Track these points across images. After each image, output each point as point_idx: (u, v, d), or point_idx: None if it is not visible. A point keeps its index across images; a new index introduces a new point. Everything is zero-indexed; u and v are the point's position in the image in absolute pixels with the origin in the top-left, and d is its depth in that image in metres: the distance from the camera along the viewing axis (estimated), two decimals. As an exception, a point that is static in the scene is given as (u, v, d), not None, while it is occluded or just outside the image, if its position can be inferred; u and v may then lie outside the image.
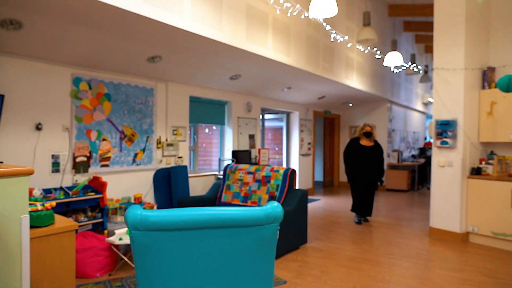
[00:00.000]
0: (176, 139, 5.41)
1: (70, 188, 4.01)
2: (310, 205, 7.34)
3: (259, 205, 4.46)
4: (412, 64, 6.79)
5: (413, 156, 11.66)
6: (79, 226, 3.88)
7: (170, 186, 5.06)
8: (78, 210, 4.00)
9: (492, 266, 3.84)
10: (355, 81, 7.38)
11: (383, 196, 8.73)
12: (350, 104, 9.84)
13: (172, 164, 5.35)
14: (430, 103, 13.23)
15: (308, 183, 8.98)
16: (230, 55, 4.52)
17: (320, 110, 9.47)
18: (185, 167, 5.24)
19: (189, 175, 5.66)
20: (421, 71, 8.57)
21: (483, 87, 4.93)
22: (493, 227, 4.49)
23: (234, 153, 6.32)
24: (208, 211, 1.46)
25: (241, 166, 4.89)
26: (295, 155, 8.58)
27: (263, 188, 4.55)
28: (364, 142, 5.74)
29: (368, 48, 4.83)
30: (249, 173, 4.74)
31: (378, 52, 5.06)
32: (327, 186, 10.37)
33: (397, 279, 3.45)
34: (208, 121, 6.30)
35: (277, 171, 4.56)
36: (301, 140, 8.65)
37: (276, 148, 9.26)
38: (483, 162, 4.83)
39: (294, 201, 4.29)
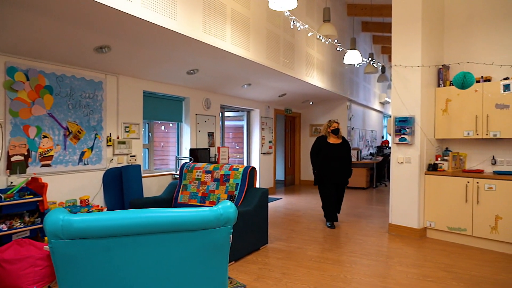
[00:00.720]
0: (128, 136, 5.05)
1: (3, 191, 3.58)
2: (271, 205, 7.21)
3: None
4: (371, 60, 6.84)
5: (371, 154, 11.91)
6: (14, 233, 3.47)
7: (121, 187, 4.71)
8: (13, 215, 3.57)
9: (449, 260, 3.87)
10: (316, 79, 7.34)
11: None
12: (311, 103, 9.85)
13: (124, 163, 4.99)
14: (387, 102, 13.62)
15: (269, 182, 8.86)
16: (186, 47, 4.26)
17: (281, 108, 9.38)
18: (139, 166, 4.91)
19: (144, 175, 5.32)
20: (380, 67, 8.73)
21: (439, 85, 5.02)
22: (449, 222, 4.56)
23: (192, 151, 6.05)
24: (145, 213, 1.22)
25: (199, 164, 4.65)
26: (256, 153, 8.42)
27: (222, 188, 4.33)
28: (332, 139, 5.40)
29: (329, 40, 4.74)
30: (207, 172, 4.51)
31: (339, 45, 5.00)
32: (288, 185, 10.32)
33: (359, 278, 3.37)
34: (164, 118, 5.98)
35: (237, 169, 4.36)
36: (262, 138, 8.51)
37: (237, 147, 9.06)
38: (439, 159, 4.91)
39: (254, 201, 4.11)
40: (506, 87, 4.36)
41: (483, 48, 4.84)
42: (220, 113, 7.38)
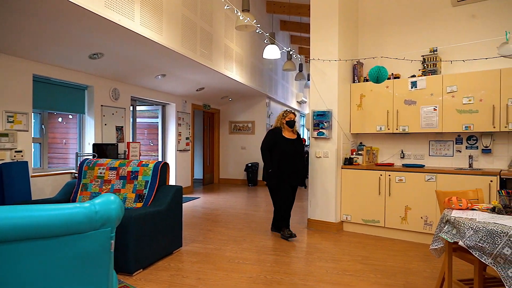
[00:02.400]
0: (12, 128, 4.23)
1: None
2: (188, 204, 6.78)
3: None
4: (291, 55, 6.83)
5: (289, 152, 12.09)
6: None
7: (2, 188, 3.90)
8: None
9: (365, 253, 3.90)
10: (235, 73, 7.11)
11: (262, 191, 8.70)
12: (230, 99, 9.61)
13: (7, 160, 4.16)
14: (304, 102, 14.02)
15: (186, 180, 8.39)
16: (86, 23, 3.65)
17: (199, 104, 8.97)
18: (25, 163, 4.13)
19: (34, 173, 4.52)
20: (298, 63, 8.84)
21: (354, 81, 5.13)
22: (363, 215, 4.65)
23: (97, 147, 5.35)
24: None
25: (102, 161, 4.06)
26: (171, 151, 7.90)
27: (129, 186, 3.82)
28: (287, 134, 4.54)
29: (250, 25, 4.50)
30: (112, 168, 3.95)
31: (259, 25, 4.78)
32: (207, 183, 9.94)
33: (279, 277, 3.17)
34: (62, 109, 5.19)
35: (146, 165, 3.88)
36: (179, 135, 8.02)
37: (152, 144, 8.41)
38: (354, 153, 5.00)
39: (166, 200, 3.68)
40: (413, 84, 4.57)
41: (394, 45, 5.05)
42: (132, 106, 6.72)
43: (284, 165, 4.41)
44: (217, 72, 6.33)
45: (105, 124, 5.69)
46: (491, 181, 3.83)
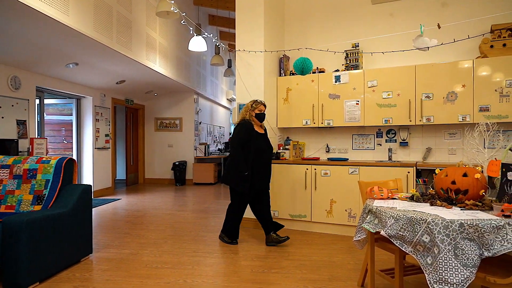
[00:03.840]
0: None
1: None
2: (107, 206, 6.21)
3: (18, 210, 3.17)
4: (218, 44, 6.60)
5: (219, 149, 11.88)
6: None
7: None
8: None
9: (292, 248, 3.81)
10: (158, 65, 6.68)
11: (190, 190, 8.36)
12: (155, 94, 9.09)
13: None
14: (234, 99, 13.89)
15: (106, 181, 7.72)
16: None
17: (120, 98, 8.33)
18: None
19: None
20: (228, 55, 8.63)
21: (280, 74, 5.05)
22: (291, 210, 4.58)
23: (-9, 143, 4.60)
24: None
25: (-8, 158, 3.44)
26: (88, 148, 7.20)
27: (26, 186, 3.28)
28: (257, 128, 3.90)
29: (173, 11, 4.18)
30: (4, 166, 3.37)
31: (184, 13, 4.47)
32: (131, 184, 9.30)
33: (200, 281, 2.92)
34: None
35: (47, 161, 3.37)
36: (97, 131, 7.34)
37: (65, 141, 7.59)
38: (281, 148, 4.93)
39: (70, 201, 3.22)
40: (337, 79, 4.62)
41: (318, 39, 5.08)
42: (38, 98, 5.96)
43: (259, 165, 3.81)
44: (138, 63, 5.86)
45: (2, 117, 4.92)
46: (409, 172, 3.98)
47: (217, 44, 7.29)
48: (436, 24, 3.09)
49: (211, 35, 5.60)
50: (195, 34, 5.31)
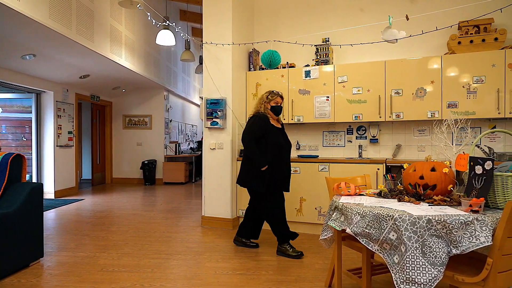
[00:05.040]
0: None
1: None
2: (68, 207, 5.87)
3: (-44, 212, 2.87)
4: (187, 39, 6.37)
5: (191, 148, 11.61)
6: None
7: None
8: None
9: (259, 249, 3.66)
10: (124, 59, 6.39)
11: (159, 190, 8.08)
12: (123, 90, 8.75)
13: None
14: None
15: (69, 181, 7.33)
16: None
17: (85, 94, 7.94)
18: None
19: None
20: (201, 51, 8.39)
21: (249, 69, 4.90)
22: (259, 209, 4.44)
23: None
24: None
25: None
26: (49, 146, 6.80)
27: (-34, 186, 2.97)
28: (273, 122, 3.52)
29: (137, 4, 3.95)
30: None
31: (149, 14, 4.25)
32: (97, 184, 8.90)
33: (159, 284, 2.72)
34: None
35: (-9, 158, 3.08)
36: (59, 128, 6.95)
37: (24, 139, 7.16)
38: (251, 145, 4.77)
39: (17, 200, 2.95)
40: (307, 74, 4.51)
41: (289, 33, 4.95)
42: (-8, 92, 5.56)
43: (277, 163, 3.38)
44: (101, 56, 5.57)
45: None
46: (378, 168, 3.92)
47: (187, 39, 7.06)
48: (405, 15, 3.02)
49: (180, 28, 5.38)
50: (162, 28, 5.08)
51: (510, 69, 3.75)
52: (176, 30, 5.19)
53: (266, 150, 3.33)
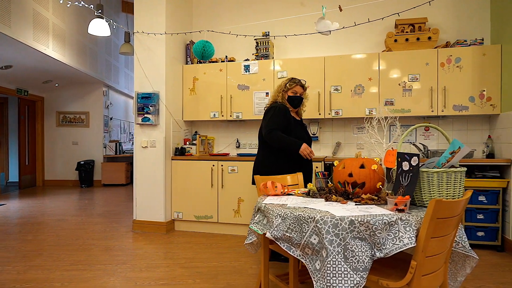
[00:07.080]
0: None
1: None
2: (-19, 214, 5.21)
3: None
4: (123, 28, 5.91)
5: (135, 148, 11.02)
6: None
7: None
8: None
9: (191, 254, 3.39)
10: (52, 50, 5.81)
11: (96, 192, 7.51)
12: (56, 84, 8.05)
13: None
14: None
15: (-11, 184, 6.58)
16: None
17: (11, 88, 7.18)
18: None
19: None
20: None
21: (187, 62, 4.61)
22: (196, 211, 4.17)
23: None
24: None
25: None
26: (-37, 145, 6.04)
27: None
28: (293, 114, 3.15)
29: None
30: None
31: (81, 5, 3.81)
32: (26, 187, 8.11)
33: (66, 302, 2.37)
34: None
35: None
36: (-24, 125, 6.20)
37: None
38: (188, 143, 4.49)
39: None
40: (246, 68, 4.31)
41: (228, 25, 4.71)
42: None
43: (296, 159, 2.93)
44: (22, 43, 5.00)
45: None
46: (317, 167, 3.80)
47: (127, 30, 6.59)
48: (338, 6, 2.91)
49: (112, 18, 4.96)
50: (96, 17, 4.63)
51: (442, 68, 3.80)
52: (110, 20, 4.76)
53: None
